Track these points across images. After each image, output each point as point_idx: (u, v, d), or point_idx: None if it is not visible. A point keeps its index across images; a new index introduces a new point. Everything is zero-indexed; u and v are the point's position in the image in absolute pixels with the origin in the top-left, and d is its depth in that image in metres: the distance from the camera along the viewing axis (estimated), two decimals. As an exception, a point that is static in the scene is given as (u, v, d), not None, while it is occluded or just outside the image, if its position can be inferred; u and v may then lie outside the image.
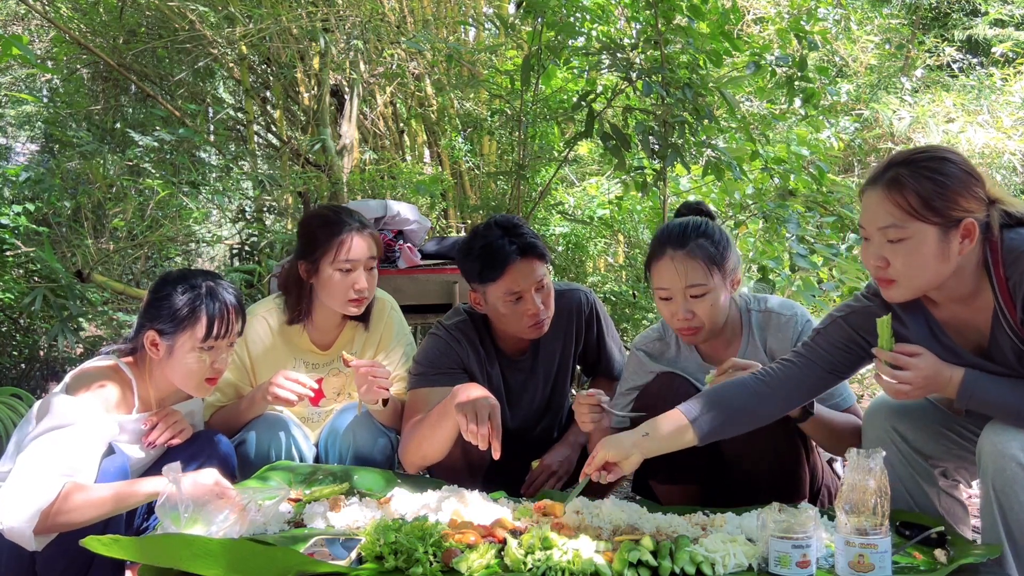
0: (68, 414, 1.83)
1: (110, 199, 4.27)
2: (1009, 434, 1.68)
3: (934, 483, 1.91)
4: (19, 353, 4.46)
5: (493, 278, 2.25)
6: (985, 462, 1.70)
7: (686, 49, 3.51)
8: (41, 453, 1.76)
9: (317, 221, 2.43)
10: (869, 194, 1.72)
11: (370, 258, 2.38)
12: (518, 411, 2.51)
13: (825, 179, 4.10)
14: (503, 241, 2.26)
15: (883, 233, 1.68)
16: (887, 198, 1.67)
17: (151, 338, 1.99)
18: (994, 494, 1.69)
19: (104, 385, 1.94)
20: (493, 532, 1.73)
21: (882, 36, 7.29)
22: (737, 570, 1.59)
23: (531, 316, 2.29)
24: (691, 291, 2.07)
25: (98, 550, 1.59)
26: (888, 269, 1.69)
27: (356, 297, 2.37)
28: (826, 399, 2.09)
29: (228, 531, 1.70)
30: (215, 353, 2.02)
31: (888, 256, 1.69)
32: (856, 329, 1.86)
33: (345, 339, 2.54)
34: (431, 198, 5.11)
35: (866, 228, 1.72)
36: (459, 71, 5.45)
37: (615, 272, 5.60)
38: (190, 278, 2.04)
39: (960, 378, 1.70)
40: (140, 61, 5.22)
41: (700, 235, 2.10)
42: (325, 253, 2.35)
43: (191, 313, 1.98)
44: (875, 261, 1.71)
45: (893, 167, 1.70)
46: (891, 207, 1.66)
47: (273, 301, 2.51)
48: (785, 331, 2.17)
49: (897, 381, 1.70)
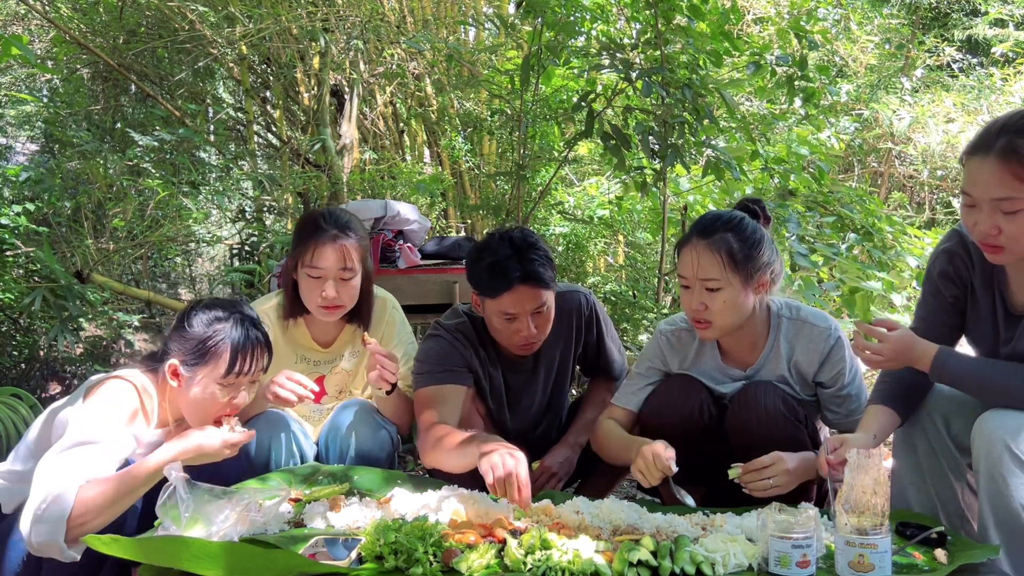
0: (89, 431, 1.80)
1: (110, 199, 4.27)
2: (1000, 419, 1.70)
3: (962, 476, 1.91)
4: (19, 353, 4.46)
5: (492, 295, 2.24)
6: (976, 445, 1.73)
7: (686, 49, 3.52)
8: (62, 469, 1.74)
9: (303, 222, 2.45)
10: (980, 162, 1.67)
11: (342, 268, 2.34)
12: (518, 412, 2.51)
13: (825, 179, 4.10)
14: (510, 263, 2.21)
15: (997, 204, 1.66)
16: (1004, 168, 1.63)
17: (173, 368, 1.95)
18: (983, 479, 1.70)
19: (122, 396, 1.92)
20: (493, 532, 1.73)
21: (882, 36, 7.30)
22: (737, 570, 1.59)
23: (521, 337, 2.27)
24: (706, 284, 2.04)
25: (98, 548, 1.59)
26: (999, 237, 1.69)
27: (325, 304, 2.35)
28: (851, 415, 2.10)
29: (228, 531, 1.70)
30: (234, 390, 1.97)
31: (1002, 224, 1.67)
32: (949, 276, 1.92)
33: (346, 338, 2.54)
34: (431, 198, 5.11)
35: (973, 195, 1.70)
36: (459, 71, 5.45)
37: (615, 272, 5.60)
38: (219, 309, 1.98)
39: (933, 353, 1.79)
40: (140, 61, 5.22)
41: (729, 229, 2.06)
42: (300, 255, 2.36)
43: (215, 347, 1.93)
44: (987, 228, 1.69)
45: (1007, 133, 1.64)
46: (1007, 178, 1.63)
47: (276, 297, 2.52)
48: (816, 343, 2.12)
49: (871, 352, 1.81)
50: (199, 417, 1.98)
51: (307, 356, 2.51)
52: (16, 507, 1.87)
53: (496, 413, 2.48)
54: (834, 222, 3.95)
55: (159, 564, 1.60)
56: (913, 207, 7.96)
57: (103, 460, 1.80)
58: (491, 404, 2.47)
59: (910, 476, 1.93)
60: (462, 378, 2.33)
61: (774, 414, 2.05)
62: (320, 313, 2.38)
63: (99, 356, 4.66)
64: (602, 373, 2.60)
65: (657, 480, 1.96)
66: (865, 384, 2.20)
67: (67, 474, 1.73)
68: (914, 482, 1.93)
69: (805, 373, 2.14)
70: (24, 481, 1.81)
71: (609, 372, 2.59)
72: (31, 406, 3.30)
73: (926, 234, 4.09)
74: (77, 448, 1.77)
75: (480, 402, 2.46)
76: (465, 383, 2.34)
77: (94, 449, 1.79)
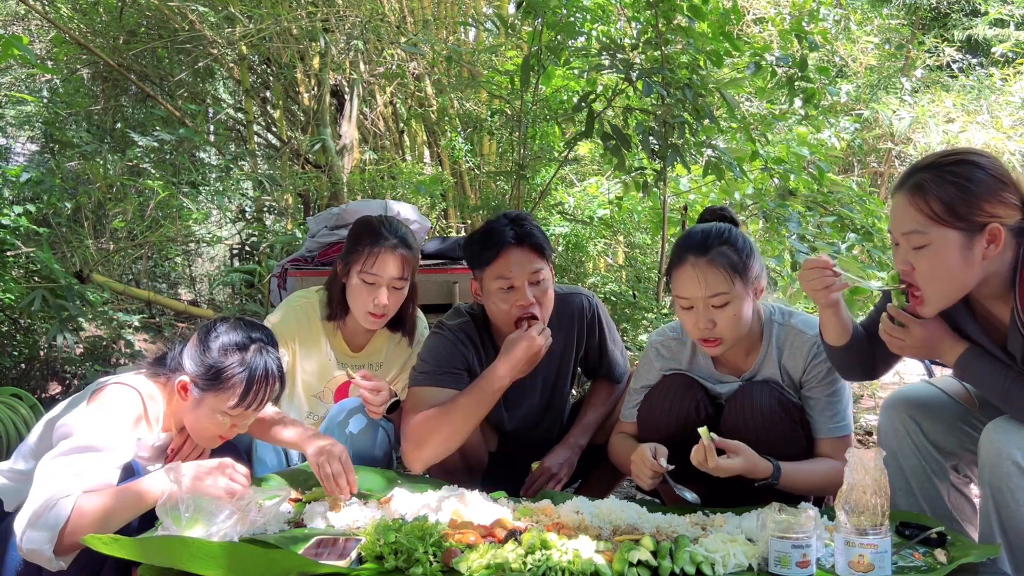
0: (90, 437, 1.79)
1: (110, 199, 4.27)
2: (1008, 433, 1.69)
3: (945, 478, 1.91)
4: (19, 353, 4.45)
5: (488, 260, 2.26)
6: (983, 459, 1.72)
7: (686, 49, 3.52)
8: (60, 475, 1.73)
9: (362, 226, 2.45)
10: (896, 199, 1.73)
11: (397, 278, 2.39)
12: (517, 413, 2.50)
13: (825, 179, 4.10)
14: (504, 228, 2.27)
15: (907, 239, 1.69)
16: (910, 203, 1.68)
17: (183, 384, 1.93)
18: (990, 491, 1.70)
19: (126, 401, 1.90)
20: (493, 532, 1.72)
21: (882, 36, 7.30)
22: (737, 570, 1.59)
23: (520, 307, 2.26)
24: (713, 300, 2.01)
25: (98, 548, 1.59)
26: (914, 274, 1.71)
27: (375, 312, 2.39)
28: (827, 422, 2.09)
29: (228, 531, 1.70)
30: (239, 419, 1.97)
31: (913, 261, 1.70)
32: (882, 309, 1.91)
33: (376, 345, 2.57)
34: (431, 198, 5.12)
35: (893, 233, 1.74)
36: (459, 71, 5.46)
37: (615, 272, 5.60)
38: (239, 334, 1.95)
39: (962, 350, 1.76)
40: (140, 61, 5.23)
41: (723, 242, 2.05)
42: (357, 260, 2.38)
43: (230, 377, 1.91)
44: (902, 266, 1.73)
45: (917, 172, 1.70)
46: (914, 212, 1.67)
47: (316, 293, 2.55)
48: (801, 350, 2.12)
49: (896, 335, 1.79)
50: (199, 436, 1.99)
51: (338, 357, 2.54)
52: (18, 506, 1.86)
53: (494, 414, 2.48)
54: (834, 222, 3.95)
55: (159, 564, 1.60)
56: (913, 207, 7.94)
57: (104, 468, 1.78)
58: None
59: (896, 482, 1.93)
60: (458, 381, 2.33)
61: (770, 414, 2.05)
62: (366, 320, 2.41)
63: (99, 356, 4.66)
64: (604, 375, 2.60)
65: (649, 481, 1.98)
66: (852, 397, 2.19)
67: (66, 482, 1.71)
68: (900, 487, 1.93)
69: (794, 377, 2.14)
70: (27, 480, 1.80)
71: (611, 374, 2.58)
72: (31, 406, 3.30)
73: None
74: (78, 454, 1.76)
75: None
76: (460, 387, 2.34)
77: (95, 457, 1.77)
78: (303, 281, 3.22)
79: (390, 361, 2.60)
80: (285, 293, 3.35)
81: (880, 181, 7.71)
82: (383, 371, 2.57)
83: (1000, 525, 1.69)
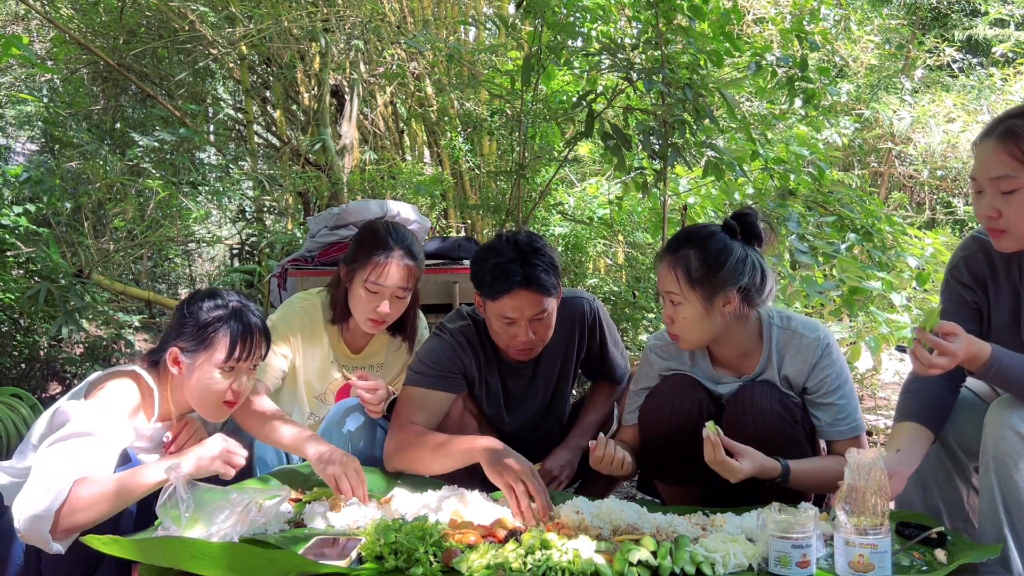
0: (87, 423, 1.81)
1: (110, 199, 4.27)
2: (1013, 406, 1.70)
3: (967, 479, 1.91)
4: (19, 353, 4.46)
5: (493, 295, 2.23)
6: (987, 432, 1.73)
7: (687, 49, 3.51)
8: (57, 459, 1.75)
9: (368, 233, 2.46)
10: (983, 146, 1.74)
11: (401, 288, 2.39)
12: (517, 415, 2.50)
13: (825, 179, 4.10)
14: (513, 266, 2.19)
15: (995, 184, 1.71)
16: (1000, 148, 1.69)
17: (174, 355, 1.97)
18: (993, 463, 1.71)
19: (123, 391, 1.93)
20: (493, 532, 1.73)
21: (882, 36, 7.29)
22: (737, 570, 1.59)
23: (518, 343, 2.26)
24: (669, 297, 2.06)
25: (98, 548, 1.59)
26: (1000, 220, 1.72)
27: (375, 318, 2.40)
28: (840, 424, 2.08)
29: (228, 531, 1.70)
30: (236, 375, 2.00)
31: (1000, 207, 1.71)
32: (967, 283, 1.91)
33: (376, 346, 2.58)
34: (431, 198, 5.12)
35: (978, 179, 1.75)
36: (459, 71, 5.45)
37: (614, 272, 5.60)
38: (218, 297, 2.03)
39: (988, 354, 1.73)
40: (140, 61, 5.23)
41: (694, 246, 2.03)
42: (362, 267, 2.38)
43: (215, 332, 1.97)
44: (987, 211, 1.73)
45: (1008, 119, 1.71)
46: (1004, 157, 1.68)
47: (317, 294, 2.56)
48: (804, 354, 2.10)
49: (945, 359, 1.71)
50: (204, 403, 2.01)
51: (337, 359, 2.54)
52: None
53: (494, 416, 2.48)
54: (834, 222, 3.95)
55: (159, 564, 1.60)
56: (913, 207, 7.96)
57: (100, 453, 1.80)
58: (489, 407, 2.47)
59: (914, 481, 1.92)
60: (453, 385, 2.33)
61: (771, 414, 2.05)
62: (367, 326, 2.43)
63: (99, 356, 4.66)
64: (605, 378, 2.60)
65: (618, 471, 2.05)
66: (857, 396, 2.19)
67: (63, 466, 1.74)
68: (919, 487, 1.93)
69: (795, 383, 2.13)
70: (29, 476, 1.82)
71: (612, 377, 2.59)
72: (31, 406, 3.30)
73: (926, 234, 4.08)
74: (75, 439, 1.79)
75: (475, 404, 2.46)
76: (455, 391, 2.35)
77: (91, 441, 1.80)
78: (303, 281, 3.22)
79: (390, 363, 2.61)
80: (285, 293, 3.35)
81: (880, 181, 7.71)
82: (383, 372, 2.58)
83: (1001, 496, 1.69)
